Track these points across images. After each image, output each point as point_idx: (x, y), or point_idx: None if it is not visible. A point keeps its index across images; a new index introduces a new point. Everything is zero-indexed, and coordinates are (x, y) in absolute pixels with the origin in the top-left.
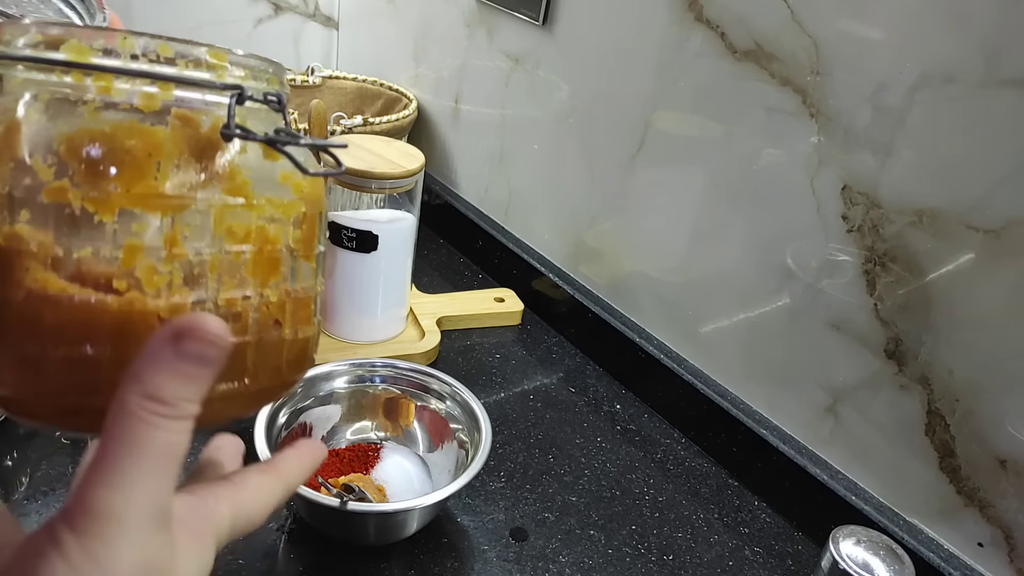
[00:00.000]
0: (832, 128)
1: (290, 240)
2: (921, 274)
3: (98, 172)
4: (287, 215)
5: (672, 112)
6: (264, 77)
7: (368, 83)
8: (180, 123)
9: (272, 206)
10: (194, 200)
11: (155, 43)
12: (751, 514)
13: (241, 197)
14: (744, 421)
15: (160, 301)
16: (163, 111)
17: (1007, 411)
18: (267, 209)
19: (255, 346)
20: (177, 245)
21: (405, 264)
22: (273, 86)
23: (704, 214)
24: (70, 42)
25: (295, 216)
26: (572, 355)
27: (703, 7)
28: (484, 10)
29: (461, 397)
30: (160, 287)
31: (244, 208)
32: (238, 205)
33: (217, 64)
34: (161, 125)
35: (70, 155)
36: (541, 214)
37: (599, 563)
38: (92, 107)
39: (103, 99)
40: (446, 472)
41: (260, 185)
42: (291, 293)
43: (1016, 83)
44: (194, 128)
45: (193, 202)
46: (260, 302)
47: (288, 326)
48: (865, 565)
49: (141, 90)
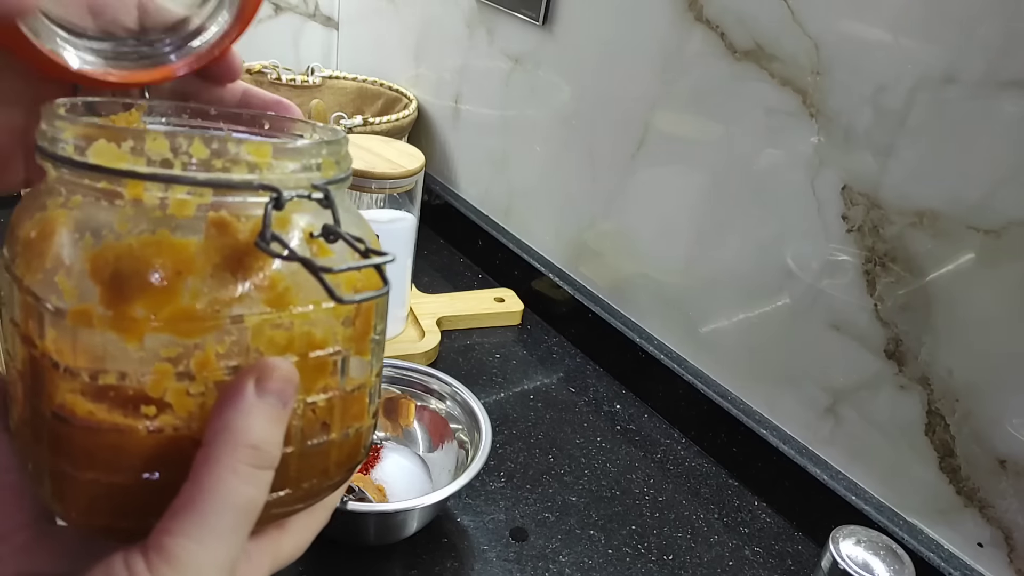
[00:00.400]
0: (832, 128)
1: (340, 340)
2: (921, 274)
3: (123, 296)
4: (337, 316)
5: (672, 112)
6: (315, 161)
7: (368, 83)
8: (216, 231)
9: (318, 309)
10: (228, 319)
11: (187, 142)
12: (751, 514)
13: (282, 308)
14: (744, 421)
15: (193, 424)
16: (198, 215)
17: (1007, 411)
18: (312, 314)
19: (298, 456)
20: (210, 367)
21: (405, 264)
22: (328, 172)
23: (704, 214)
24: (99, 143)
25: (347, 315)
26: (572, 355)
27: (703, 7)
28: (484, 10)
29: (461, 397)
30: (192, 410)
31: (285, 317)
32: (279, 317)
33: (258, 162)
34: (195, 235)
35: (95, 275)
36: (541, 214)
37: (599, 563)
38: (123, 214)
39: (133, 207)
40: (446, 472)
41: (306, 287)
42: (341, 393)
43: (1016, 83)
44: (231, 235)
45: (227, 321)
46: (305, 408)
47: (336, 429)
48: (865, 565)
49: (175, 197)
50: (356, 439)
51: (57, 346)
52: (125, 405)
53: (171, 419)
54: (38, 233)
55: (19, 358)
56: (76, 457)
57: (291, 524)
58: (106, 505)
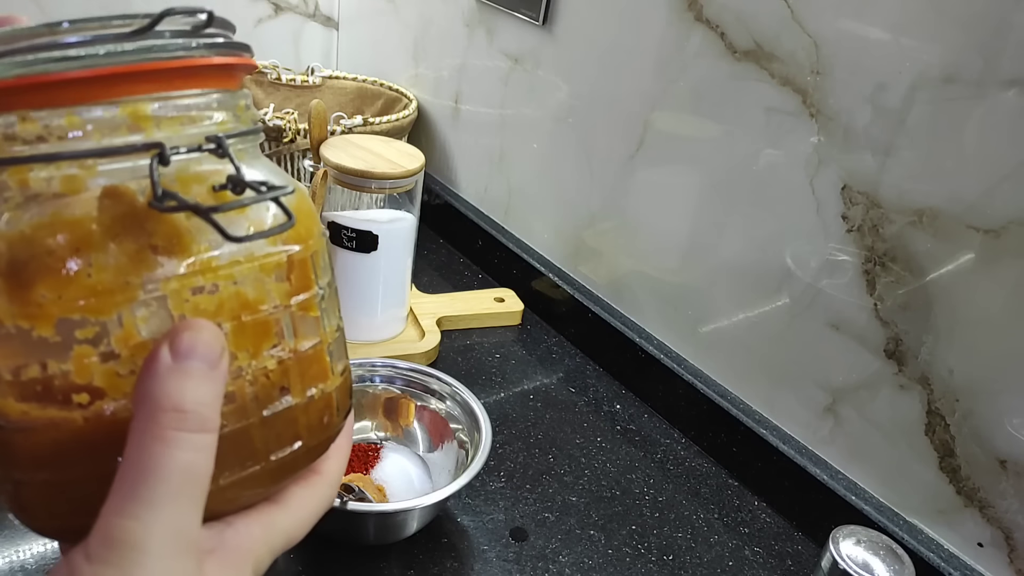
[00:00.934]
0: (832, 128)
1: (276, 297)
2: (921, 274)
3: (24, 283)
4: (266, 271)
5: (672, 112)
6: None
7: (368, 83)
8: (111, 201)
9: (244, 266)
10: (141, 287)
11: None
12: (751, 514)
13: (199, 269)
14: (744, 421)
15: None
16: (91, 190)
17: (1007, 411)
18: (237, 271)
19: (260, 425)
20: (134, 339)
21: (405, 264)
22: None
23: (704, 214)
24: None
25: (277, 270)
26: (572, 355)
27: (703, 7)
28: (484, 10)
29: (461, 397)
30: (127, 391)
31: (207, 279)
32: (196, 279)
33: (138, 121)
34: (88, 210)
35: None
36: (541, 214)
37: (599, 563)
38: (12, 204)
39: (22, 192)
40: (446, 472)
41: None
42: (294, 353)
43: (1016, 83)
44: (128, 202)
45: (140, 291)
46: (256, 374)
47: (297, 392)
48: (865, 565)
49: (61, 174)
50: (324, 400)
51: None
52: (55, 397)
53: (108, 403)
54: None
55: None
56: (22, 461)
57: (287, 498)
58: (66, 505)
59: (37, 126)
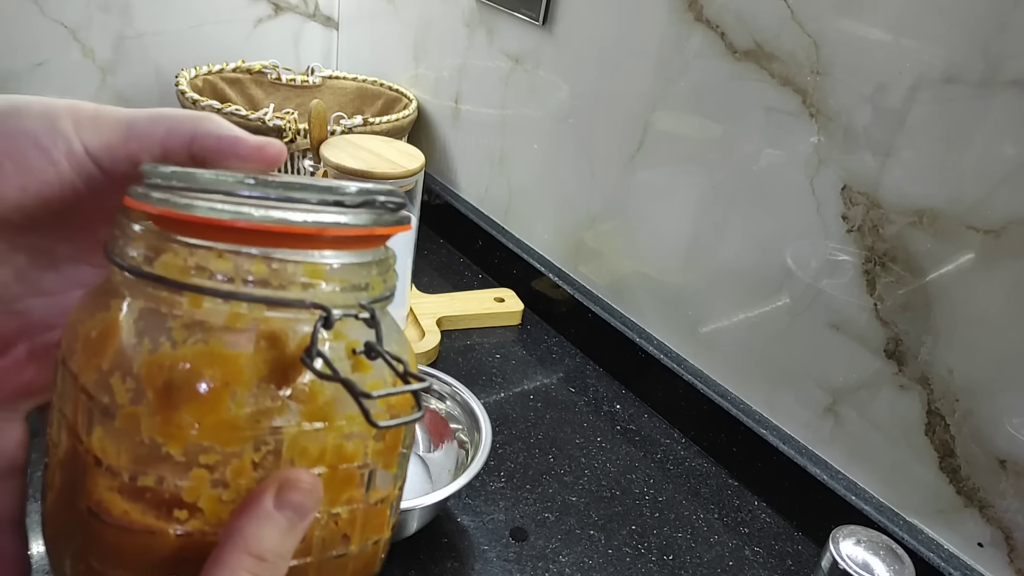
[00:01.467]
0: (832, 128)
1: (369, 453)
2: (921, 274)
3: (172, 403)
4: (369, 430)
5: (672, 112)
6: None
7: (368, 83)
8: (266, 344)
9: (353, 423)
10: (268, 429)
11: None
12: (751, 514)
13: (320, 421)
14: (744, 421)
15: (220, 530)
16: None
17: (1007, 411)
18: (347, 428)
19: (317, 566)
20: (245, 474)
21: (405, 264)
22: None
23: (704, 214)
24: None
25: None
26: (572, 355)
27: (703, 7)
28: (484, 10)
29: (461, 397)
30: (222, 516)
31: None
32: (315, 429)
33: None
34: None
35: (148, 380)
36: (541, 214)
37: (599, 563)
38: (180, 323)
39: (191, 316)
40: (446, 472)
41: (344, 402)
42: (365, 506)
43: (1016, 83)
44: (280, 349)
45: (267, 431)
46: (328, 519)
47: (357, 541)
48: (865, 565)
49: (232, 311)
50: (374, 551)
51: (102, 444)
52: (159, 507)
53: (200, 524)
54: (98, 333)
55: (62, 447)
56: (105, 554)
57: None
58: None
59: (229, 266)
